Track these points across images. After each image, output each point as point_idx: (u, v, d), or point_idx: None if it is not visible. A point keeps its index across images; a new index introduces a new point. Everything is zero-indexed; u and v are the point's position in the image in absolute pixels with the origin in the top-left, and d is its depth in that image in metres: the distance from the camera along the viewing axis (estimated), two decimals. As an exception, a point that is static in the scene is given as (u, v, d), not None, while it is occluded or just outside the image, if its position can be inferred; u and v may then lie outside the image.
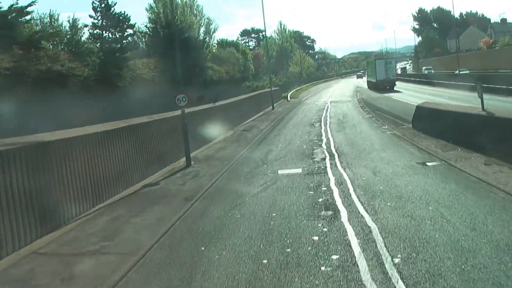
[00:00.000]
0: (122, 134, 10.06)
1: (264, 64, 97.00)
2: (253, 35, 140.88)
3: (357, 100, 36.47)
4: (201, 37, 64.34)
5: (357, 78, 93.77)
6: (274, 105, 35.27)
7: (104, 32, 36.45)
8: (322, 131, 18.84)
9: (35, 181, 6.83)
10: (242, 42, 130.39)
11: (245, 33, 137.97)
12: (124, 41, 36.96)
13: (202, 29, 64.48)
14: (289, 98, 42.47)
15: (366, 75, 63.33)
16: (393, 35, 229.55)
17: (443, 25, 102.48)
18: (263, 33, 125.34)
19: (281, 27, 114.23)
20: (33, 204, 6.78)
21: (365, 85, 55.66)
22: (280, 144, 16.25)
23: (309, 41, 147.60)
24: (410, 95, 35.32)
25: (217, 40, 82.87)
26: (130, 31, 37.07)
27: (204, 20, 64.25)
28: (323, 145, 15.11)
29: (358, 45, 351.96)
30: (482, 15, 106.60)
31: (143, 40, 53.32)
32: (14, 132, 11.19)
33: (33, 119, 17.80)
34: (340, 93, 49.13)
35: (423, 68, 54.65)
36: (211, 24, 64.90)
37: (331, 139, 16.26)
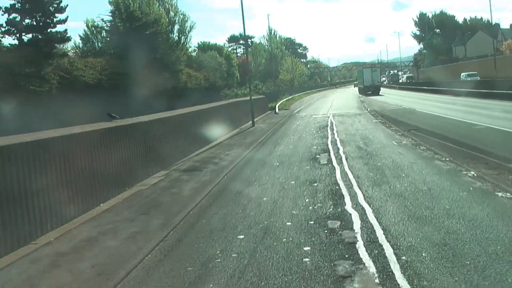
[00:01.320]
0: None
1: (252, 71, 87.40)
2: (241, 42, 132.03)
3: (370, 113, 26.77)
4: (174, 37, 54.57)
5: (355, 87, 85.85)
6: (256, 119, 25.36)
7: (26, 18, 26.44)
8: (340, 184, 8.80)
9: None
10: (230, 48, 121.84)
11: (233, 39, 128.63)
12: (52, 29, 26.82)
13: (176, 27, 54.75)
14: (277, 110, 32.56)
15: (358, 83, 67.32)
16: (391, 46, 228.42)
17: (446, 31, 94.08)
18: (252, 39, 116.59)
19: (271, 32, 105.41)
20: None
21: (374, 95, 49.93)
22: (240, 239, 6.14)
23: (301, 48, 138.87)
24: (432, 105, 28.35)
25: (198, 43, 71.95)
26: (61, 16, 26.91)
27: (179, 16, 54.55)
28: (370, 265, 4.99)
29: (350, 57, 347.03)
30: (488, 20, 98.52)
31: (98, 36, 43.28)
32: None
33: None
34: (342, 103, 39.45)
35: (464, 74, 44.69)
36: (187, 21, 54.99)
37: (381, 237, 5.81)
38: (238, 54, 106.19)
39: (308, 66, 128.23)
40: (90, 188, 7.60)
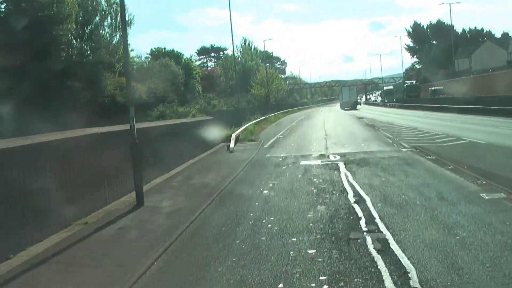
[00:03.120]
0: None
1: (221, 86, 72.78)
2: (213, 54, 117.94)
3: (415, 152, 12.64)
4: (105, 34, 39.72)
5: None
6: (164, 178, 10.67)
7: None
8: None
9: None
10: (200, 62, 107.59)
11: (204, 51, 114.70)
12: None
13: (108, 21, 39.91)
14: (232, 144, 17.36)
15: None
16: (373, 64, 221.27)
17: (444, 42, 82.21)
18: (225, 51, 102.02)
19: (245, 43, 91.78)
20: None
21: (371, 115, 40.22)
22: None
23: (279, 63, 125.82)
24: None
25: (152, 49, 55.84)
26: None
27: (114, 8, 39.71)
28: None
29: (329, 75, 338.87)
30: (490, 31, 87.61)
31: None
32: None
33: None
34: (342, 129, 25.08)
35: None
36: (126, 13, 39.95)
37: None
38: (209, 68, 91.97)
39: (287, 82, 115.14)
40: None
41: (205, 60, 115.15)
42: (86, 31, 37.71)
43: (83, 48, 36.53)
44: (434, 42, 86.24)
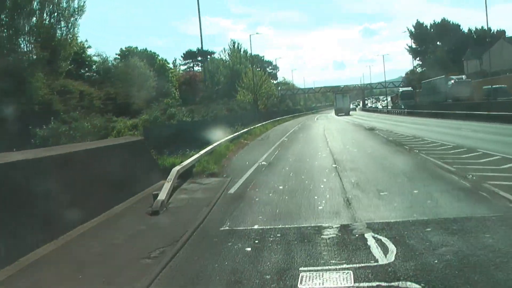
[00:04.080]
0: None
1: (206, 92, 64.68)
2: (200, 58, 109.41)
3: None
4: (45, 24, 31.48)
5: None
6: None
7: None
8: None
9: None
10: (185, 66, 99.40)
11: (190, 55, 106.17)
12: None
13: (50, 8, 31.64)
14: (165, 193, 9.03)
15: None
16: (365, 72, 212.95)
17: (449, 43, 74.68)
18: (213, 54, 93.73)
19: (234, 46, 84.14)
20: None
21: (380, 124, 33.52)
22: None
23: (270, 67, 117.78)
24: None
25: (121, 49, 47.19)
26: None
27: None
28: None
29: (321, 82, 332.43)
30: (498, 30, 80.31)
31: None
32: None
33: None
34: (360, 152, 16.43)
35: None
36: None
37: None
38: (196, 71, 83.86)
39: (280, 88, 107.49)
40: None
41: (192, 65, 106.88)
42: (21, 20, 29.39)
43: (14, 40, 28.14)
44: (439, 43, 78.80)
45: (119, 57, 49.89)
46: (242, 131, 25.17)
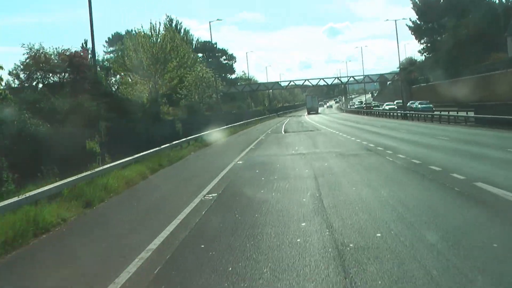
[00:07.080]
0: None
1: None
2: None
3: None
4: None
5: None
6: None
7: None
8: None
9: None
10: (112, 54, 73.50)
11: (117, 38, 79.50)
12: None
13: None
14: None
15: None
16: (332, 72, 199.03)
17: (470, 17, 52.67)
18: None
19: (170, 24, 59.38)
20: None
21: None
22: None
23: (225, 57, 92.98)
24: None
25: None
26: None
27: None
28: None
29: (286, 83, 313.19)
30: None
31: None
32: None
33: None
34: None
35: None
36: None
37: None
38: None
39: (238, 83, 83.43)
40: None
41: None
42: None
43: None
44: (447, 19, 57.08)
45: None
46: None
